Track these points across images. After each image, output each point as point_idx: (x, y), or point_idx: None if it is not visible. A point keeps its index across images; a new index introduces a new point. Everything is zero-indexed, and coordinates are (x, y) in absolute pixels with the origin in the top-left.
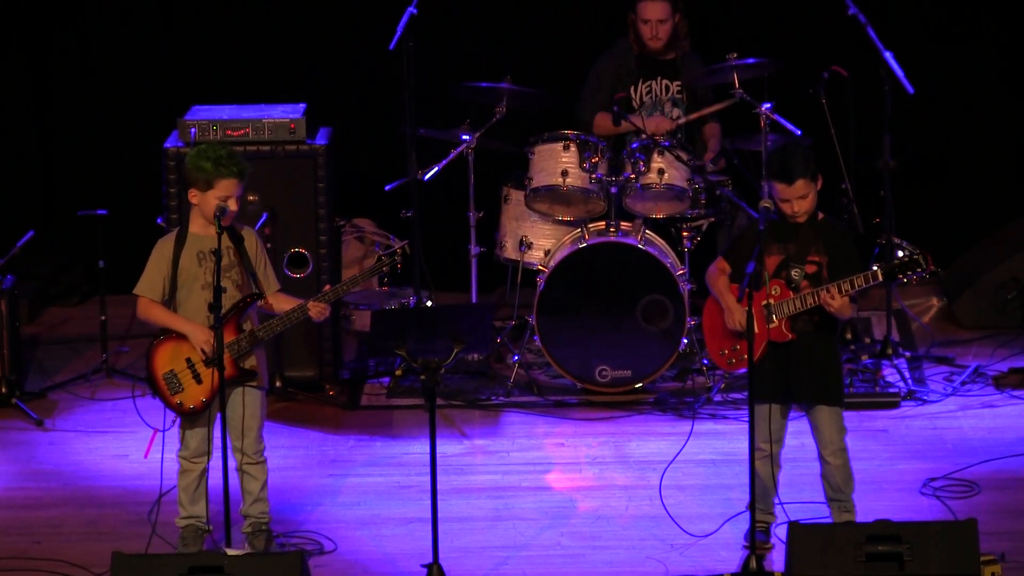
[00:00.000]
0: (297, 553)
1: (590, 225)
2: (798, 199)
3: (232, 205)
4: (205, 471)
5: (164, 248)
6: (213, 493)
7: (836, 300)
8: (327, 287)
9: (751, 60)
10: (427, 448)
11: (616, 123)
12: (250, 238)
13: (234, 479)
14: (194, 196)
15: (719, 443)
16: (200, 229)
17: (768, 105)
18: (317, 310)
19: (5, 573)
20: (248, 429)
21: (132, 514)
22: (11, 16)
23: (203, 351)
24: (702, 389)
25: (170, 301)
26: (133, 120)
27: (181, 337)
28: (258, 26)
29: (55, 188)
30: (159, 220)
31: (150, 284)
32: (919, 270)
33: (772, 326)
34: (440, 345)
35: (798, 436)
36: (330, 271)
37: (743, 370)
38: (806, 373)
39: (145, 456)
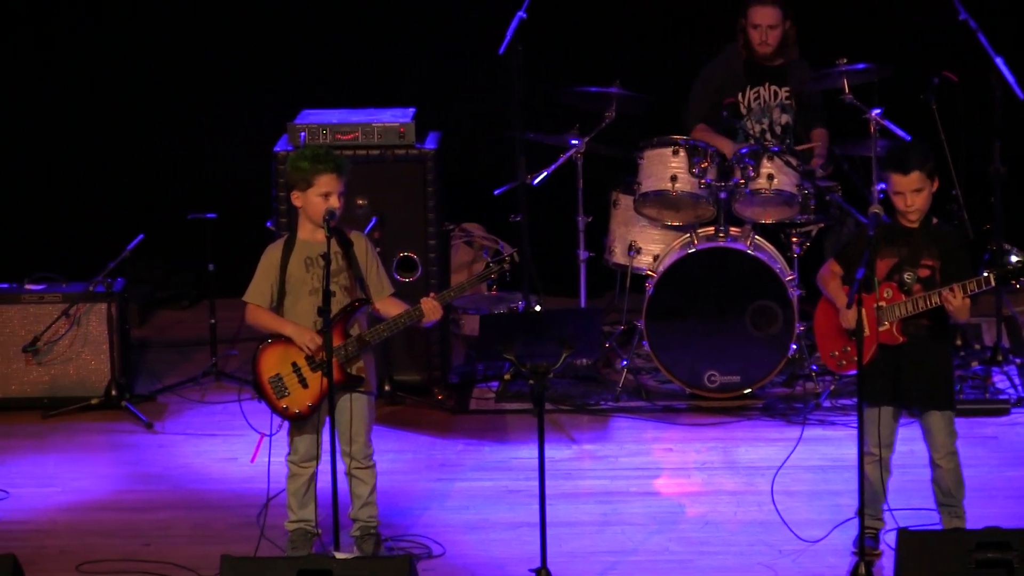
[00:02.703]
0: (405, 557)
1: (699, 230)
2: (912, 192)
3: (334, 202)
4: (314, 475)
5: (272, 254)
6: (322, 497)
7: (958, 298)
8: (432, 293)
9: (860, 65)
10: (535, 452)
11: (724, 128)
12: (359, 243)
13: (343, 483)
14: (297, 198)
15: (828, 449)
16: (308, 234)
17: (878, 111)
18: (430, 305)
19: None
20: (357, 433)
21: (240, 517)
22: (125, 19)
23: (307, 349)
24: (811, 395)
25: (278, 307)
26: (243, 124)
27: (288, 341)
28: (368, 30)
29: (165, 192)
30: (268, 224)
31: (258, 290)
32: None
33: (883, 329)
34: (548, 349)
35: (908, 443)
36: (439, 275)
37: (853, 371)
38: (917, 377)
39: (252, 461)
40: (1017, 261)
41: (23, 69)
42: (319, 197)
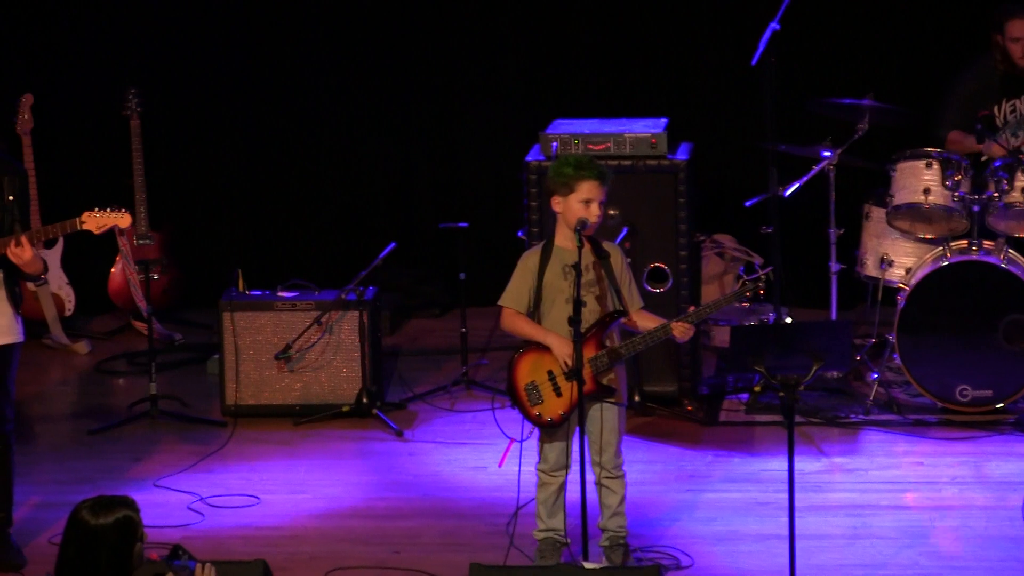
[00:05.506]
0: (654, 567)
1: (952, 243)
2: None
3: (594, 210)
4: (563, 485)
5: (530, 260)
6: (571, 507)
7: None
8: (691, 308)
9: None
10: (785, 465)
11: (979, 141)
12: (615, 255)
13: (592, 493)
14: (557, 203)
15: None
16: (565, 242)
17: None
18: (681, 330)
19: None
20: (607, 444)
21: (489, 525)
22: (395, 28)
23: (565, 364)
24: None
25: (534, 313)
26: (495, 134)
27: (544, 349)
28: (621, 40)
29: (417, 201)
30: (520, 233)
31: (516, 296)
32: None
33: None
34: (799, 362)
35: None
36: (690, 287)
37: None
38: None
39: (500, 465)
40: None
41: (295, 84)
42: (580, 204)
